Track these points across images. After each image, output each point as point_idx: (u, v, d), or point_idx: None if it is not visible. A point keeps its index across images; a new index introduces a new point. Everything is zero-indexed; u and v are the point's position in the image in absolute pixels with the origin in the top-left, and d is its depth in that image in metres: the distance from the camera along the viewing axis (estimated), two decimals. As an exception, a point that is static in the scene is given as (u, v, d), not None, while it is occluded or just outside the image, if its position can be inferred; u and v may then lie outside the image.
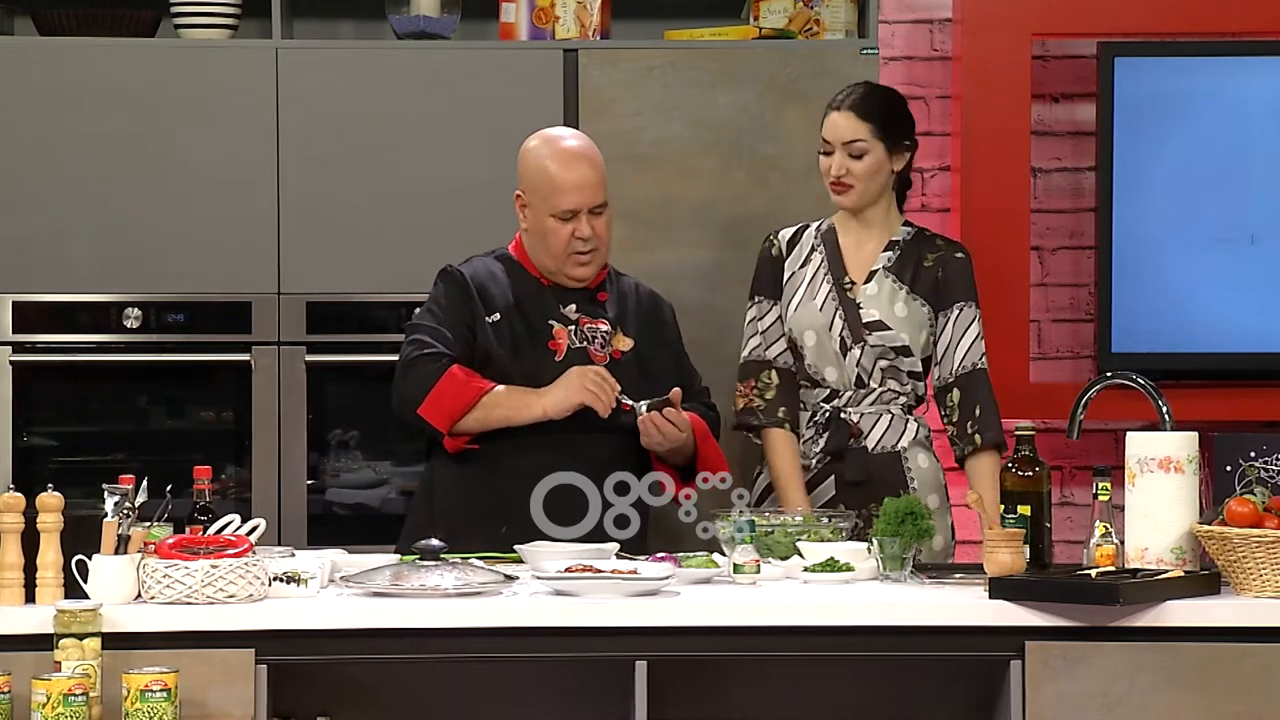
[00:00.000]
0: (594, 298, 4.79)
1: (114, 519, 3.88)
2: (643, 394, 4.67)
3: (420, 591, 3.90)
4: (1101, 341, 5.72)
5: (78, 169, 5.37)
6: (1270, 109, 5.70)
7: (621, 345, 4.76)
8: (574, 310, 4.75)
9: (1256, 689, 3.86)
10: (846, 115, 4.79)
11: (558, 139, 4.75)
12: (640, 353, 4.77)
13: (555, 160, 4.69)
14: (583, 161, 4.70)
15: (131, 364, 5.40)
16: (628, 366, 4.73)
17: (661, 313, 4.88)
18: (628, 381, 4.69)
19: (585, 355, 4.71)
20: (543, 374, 4.67)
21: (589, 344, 4.73)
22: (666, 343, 4.85)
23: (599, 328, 4.75)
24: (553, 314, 4.74)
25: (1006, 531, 4.06)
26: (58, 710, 3.59)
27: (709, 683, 4.10)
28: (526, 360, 4.69)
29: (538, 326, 4.72)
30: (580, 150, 4.72)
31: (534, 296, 4.75)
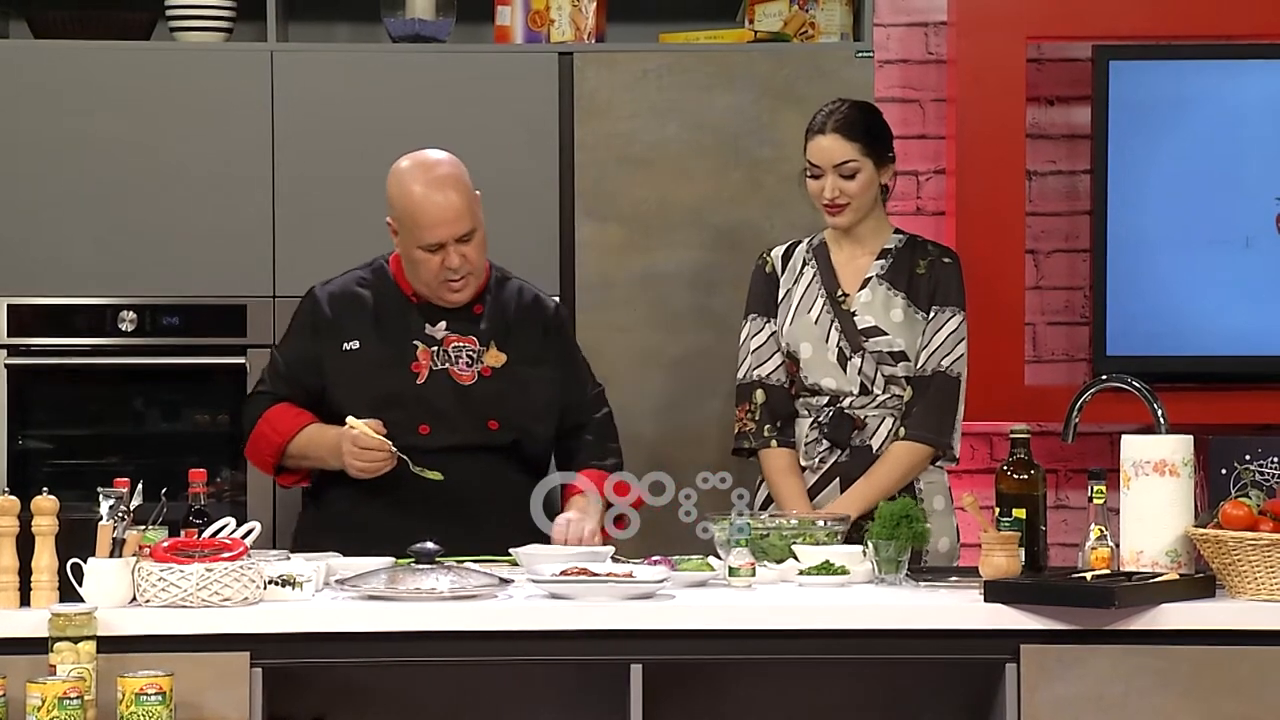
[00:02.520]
0: (468, 312, 4.69)
1: (109, 522, 3.88)
2: (512, 410, 4.63)
3: (415, 594, 3.90)
4: (1096, 344, 5.73)
5: (73, 172, 5.37)
6: (1265, 112, 5.71)
7: (493, 361, 4.67)
8: (443, 328, 4.67)
9: (1251, 691, 3.86)
10: (834, 138, 4.77)
11: (424, 168, 4.62)
12: (513, 368, 4.68)
13: (420, 193, 4.57)
14: (447, 191, 4.57)
15: (127, 367, 5.40)
16: (498, 383, 4.66)
17: (545, 320, 4.77)
18: (494, 400, 4.64)
19: (447, 375, 4.64)
20: (404, 397, 4.61)
21: (452, 364, 4.65)
22: (548, 353, 4.75)
23: (466, 345, 4.66)
24: (417, 334, 4.66)
25: (1002, 535, 4.06)
26: (53, 714, 3.59)
27: (704, 686, 4.10)
28: (386, 385, 4.62)
29: (400, 349, 4.65)
30: (443, 179, 4.59)
31: (399, 316, 4.68)
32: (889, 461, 4.75)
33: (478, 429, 4.63)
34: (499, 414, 4.65)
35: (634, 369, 5.37)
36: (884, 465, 4.75)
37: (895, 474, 4.74)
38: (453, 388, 4.65)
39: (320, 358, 4.67)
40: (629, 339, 5.40)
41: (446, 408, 4.63)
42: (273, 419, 4.66)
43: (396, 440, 4.52)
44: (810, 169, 4.80)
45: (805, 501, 4.75)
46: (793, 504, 4.72)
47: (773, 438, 4.82)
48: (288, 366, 4.70)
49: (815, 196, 4.81)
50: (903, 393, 4.82)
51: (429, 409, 4.62)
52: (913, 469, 4.76)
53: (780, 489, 4.78)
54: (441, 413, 4.62)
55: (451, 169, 4.64)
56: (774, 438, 4.82)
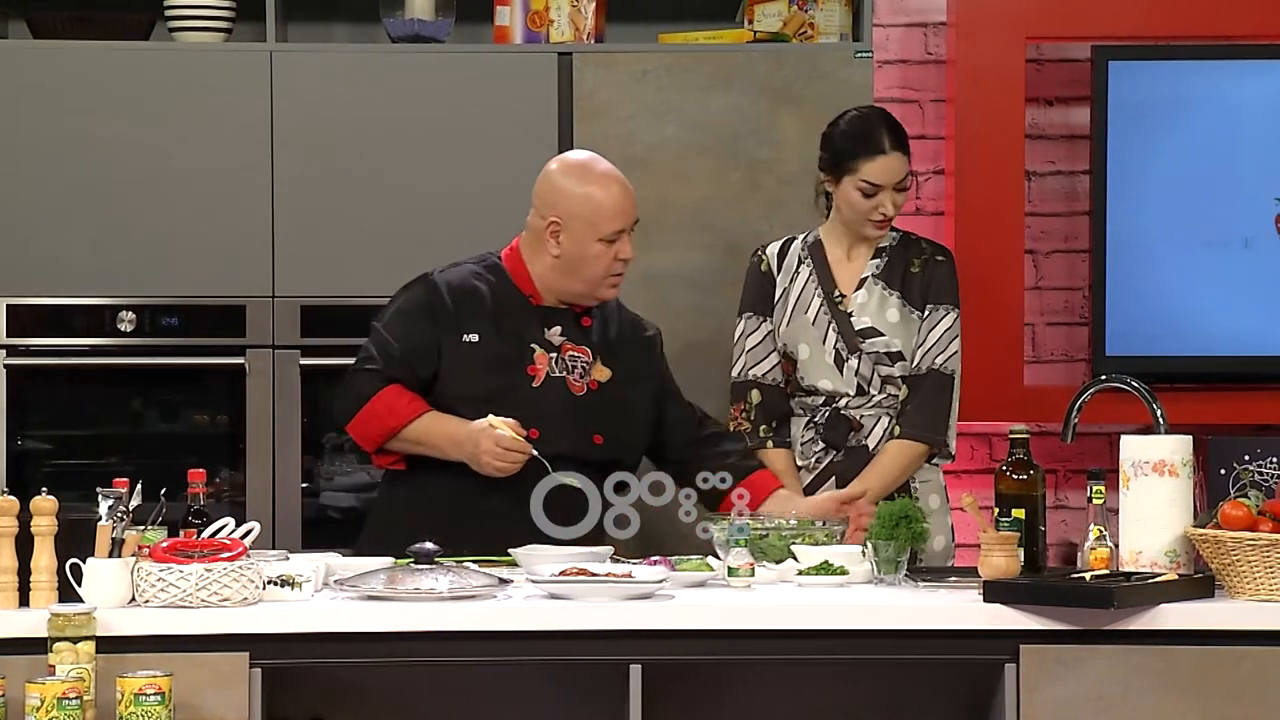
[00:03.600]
0: (579, 321, 4.70)
1: (108, 522, 3.88)
2: (616, 426, 4.63)
3: (414, 595, 3.90)
4: (1096, 345, 5.73)
5: (72, 172, 5.37)
6: (1264, 112, 5.70)
7: (600, 376, 4.67)
8: (559, 334, 4.67)
9: (1251, 692, 3.86)
10: (898, 157, 4.75)
11: (592, 162, 4.67)
12: (618, 385, 4.68)
13: (599, 185, 4.62)
14: (619, 183, 4.64)
15: (126, 367, 5.40)
16: (603, 398, 4.66)
17: (645, 342, 4.80)
18: (601, 414, 4.63)
19: (563, 384, 4.63)
20: (518, 398, 4.58)
21: (569, 373, 4.64)
22: (648, 376, 4.76)
23: (580, 356, 4.67)
24: (536, 337, 4.65)
25: (1001, 535, 4.06)
26: (52, 714, 3.59)
27: (703, 686, 4.10)
28: (502, 383, 4.60)
29: (519, 349, 4.63)
30: (610, 171, 4.66)
31: (518, 316, 4.66)
32: (884, 460, 4.75)
33: (583, 441, 4.59)
34: (604, 429, 4.63)
35: (633, 369, 5.37)
36: (879, 464, 4.75)
37: (891, 473, 4.74)
38: (565, 396, 4.63)
39: (439, 345, 4.62)
40: (628, 339, 5.39)
41: (557, 415, 4.60)
42: (388, 400, 4.58)
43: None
44: (866, 187, 4.76)
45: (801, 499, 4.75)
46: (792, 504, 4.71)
47: (769, 438, 4.82)
48: (403, 349, 4.62)
49: (865, 213, 4.77)
50: (899, 393, 4.82)
51: (541, 413, 4.58)
52: (908, 467, 4.76)
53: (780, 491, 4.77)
54: (552, 419, 4.58)
55: (607, 162, 4.69)
56: (770, 438, 4.82)
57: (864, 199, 4.77)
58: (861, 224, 4.80)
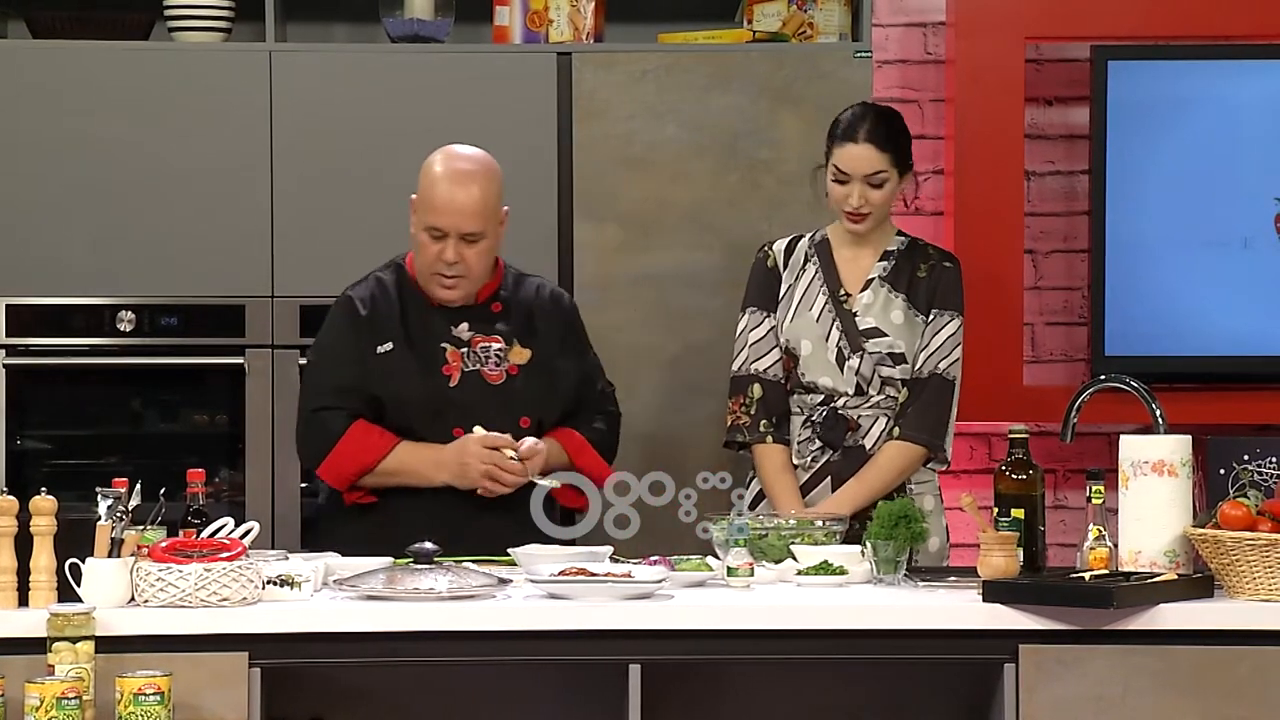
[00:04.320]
0: (487, 311, 4.70)
1: (107, 522, 3.88)
2: (542, 405, 4.64)
3: (414, 595, 3.90)
4: (1095, 345, 5.73)
5: (71, 172, 5.37)
6: (1263, 112, 5.70)
7: (518, 359, 4.68)
8: (466, 329, 4.67)
9: (1250, 692, 3.86)
10: (867, 148, 4.75)
11: (456, 157, 4.65)
12: (540, 363, 4.69)
13: (446, 177, 4.60)
14: (469, 186, 4.59)
15: (125, 367, 5.40)
16: (524, 382, 4.67)
17: (563, 315, 4.79)
18: (525, 397, 4.65)
19: (479, 377, 4.64)
20: (437, 401, 4.61)
21: (482, 365, 4.65)
22: (567, 347, 4.76)
23: (491, 345, 4.67)
24: (444, 336, 4.66)
25: (1000, 535, 4.06)
26: (51, 714, 3.59)
27: (703, 686, 4.10)
28: (421, 389, 4.61)
29: (430, 352, 4.64)
30: (471, 174, 4.61)
31: (424, 318, 4.67)
32: (881, 461, 4.75)
33: (510, 427, 4.61)
34: (530, 410, 4.65)
35: (632, 369, 5.37)
36: (876, 465, 4.75)
37: (888, 474, 4.74)
38: (484, 389, 4.64)
39: (364, 360, 4.64)
40: (627, 339, 5.40)
41: (479, 409, 4.62)
42: (357, 437, 4.59)
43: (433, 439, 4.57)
44: (836, 175, 4.78)
45: (798, 501, 4.75)
46: (786, 503, 4.72)
47: (768, 433, 4.81)
48: (351, 376, 4.63)
49: (838, 202, 4.79)
50: (898, 394, 4.82)
51: (463, 411, 4.61)
52: (905, 470, 4.77)
53: (774, 488, 4.78)
54: (475, 414, 4.60)
55: (483, 169, 4.65)
56: (769, 434, 4.81)
57: (838, 188, 4.78)
58: (839, 215, 4.81)
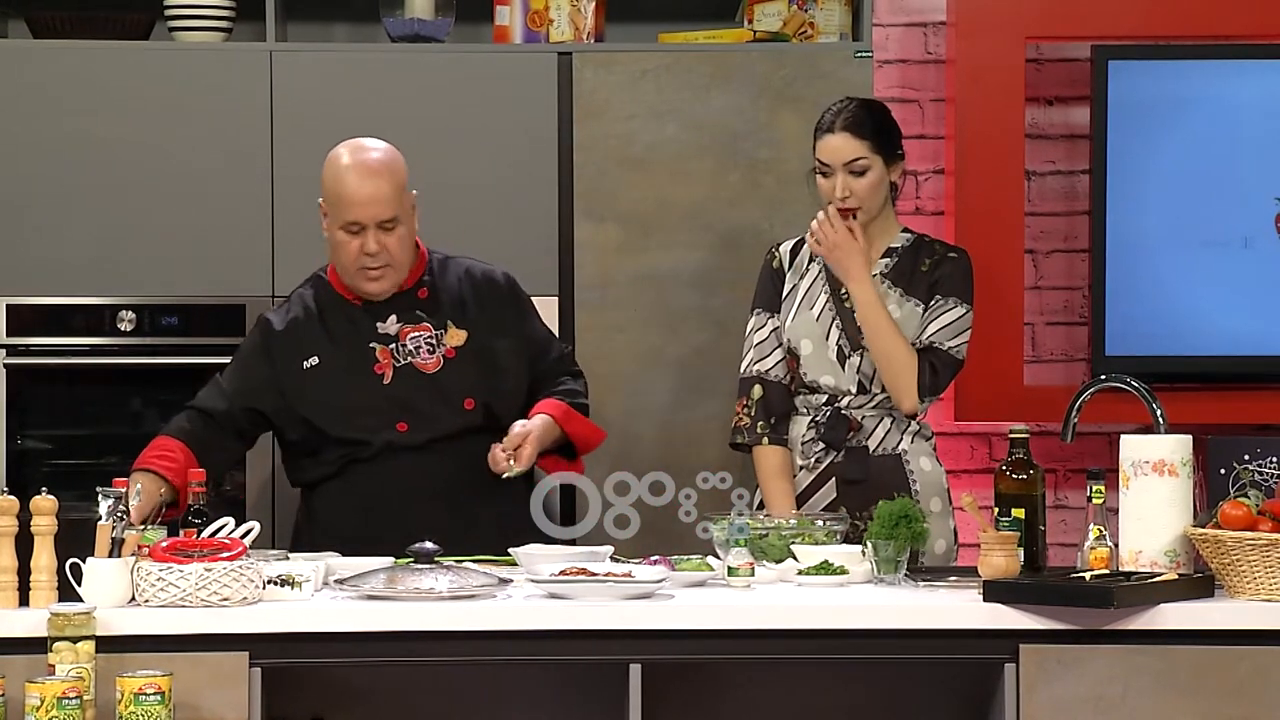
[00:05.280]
0: (414, 298, 4.71)
1: (108, 522, 3.88)
2: (485, 384, 4.65)
3: (414, 594, 3.90)
4: (1095, 344, 5.73)
5: (72, 172, 5.37)
6: (1263, 112, 5.70)
7: (455, 341, 4.68)
8: (394, 321, 4.68)
9: (1251, 692, 3.86)
10: (843, 136, 4.77)
11: (357, 150, 4.66)
12: (477, 343, 4.70)
13: (349, 172, 4.62)
14: (376, 175, 4.61)
15: (126, 367, 5.40)
16: (462, 365, 4.67)
17: (498, 291, 4.78)
18: (465, 379, 4.66)
19: (412, 369, 4.65)
20: (373, 401, 4.62)
21: (414, 356, 4.66)
22: (508, 323, 4.76)
23: (422, 334, 4.68)
24: (371, 336, 4.67)
25: (1001, 534, 4.06)
26: (52, 714, 3.59)
27: (703, 686, 4.10)
28: (353, 393, 4.63)
29: (359, 355, 4.66)
30: (375, 163, 4.63)
31: (349, 323, 4.69)
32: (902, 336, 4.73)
33: (454, 413, 4.63)
34: (473, 392, 4.66)
35: (633, 369, 5.37)
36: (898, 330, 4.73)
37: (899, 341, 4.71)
38: (419, 379, 4.65)
39: (277, 381, 4.66)
40: (627, 339, 5.40)
41: (419, 400, 4.64)
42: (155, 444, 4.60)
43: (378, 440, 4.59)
44: (820, 168, 4.79)
45: (790, 505, 4.74)
46: (778, 506, 4.71)
47: (765, 434, 4.82)
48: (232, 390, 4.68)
49: (826, 195, 4.80)
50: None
51: (402, 406, 4.63)
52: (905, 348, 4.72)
53: (768, 490, 4.78)
54: (415, 406, 4.63)
55: (385, 157, 4.66)
56: (766, 434, 4.82)
57: (823, 181, 4.79)
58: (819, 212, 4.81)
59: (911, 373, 4.73)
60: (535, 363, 4.78)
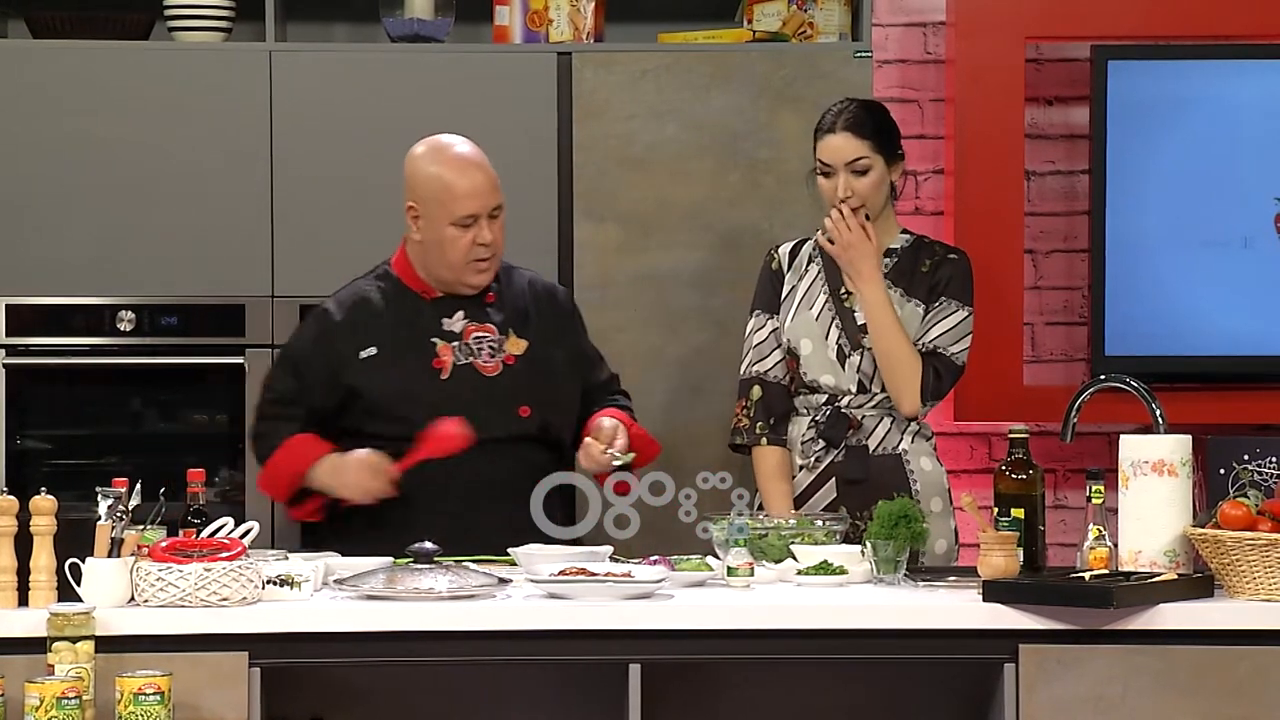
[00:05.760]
0: (481, 302, 4.71)
1: (107, 522, 3.88)
2: (542, 394, 4.65)
3: (414, 594, 3.90)
4: (1095, 344, 5.73)
5: (71, 172, 5.37)
6: (1263, 112, 5.70)
7: (514, 349, 4.68)
8: (460, 318, 4.68)
9: (1250, 692, 3.86)
10: (845, 136, 4.77)
11: (448, 146, 4.67)
12: (536, 353, 4.70)
13: (454, 167, 4.62)
14: (480, 166, 4.63)
15: (125, 367, 5.40)
16: (521, 372, 4.67)
17: (558, 306, 4.81)
18: (523, 386, 4.65)
19: (473, 369, 4.65)
20: (427, 396, 4.60)
21: (475, 357, 4.65)
22: (565, 337, 4.78)
23: (486, 335, 4.67)
24: (434, 331, 4.66)
25: (1000, 534, 4.06)
26: (51, 714, 3.59)
27: (703, 686, 4.10)
28: (410, 386, 4.62)
29: (420, 349, 4.65)
30: (475, 155, 4.65)
31: (413, 316, 4.68)
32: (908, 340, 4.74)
33: (508, 419, 4.62)
34: (528, 400, 4.65)
35: (633, 369, 5.37)
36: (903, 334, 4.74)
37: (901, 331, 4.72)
38: (479, 380, 4.65)
39: (338, 369, 4.64)
40: (627, 339, 5.40)
41: (474, 401, 4.62)
42: (293, 448, 4.60)
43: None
44: (821, 168, 4.79)
45: (788, 505, 4.74)
46: (776, 507, 4.71)
47: (764, 435, 4.82)
48: (300, 387, 4.66)
49: (828, 196, 4.80)
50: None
51: (456, 404, 4.60)
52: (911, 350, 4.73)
53: (766, 491, 4.78)
54: (469, 406, 4.60)
55: (476, 148, 4.69)
56: (765, 435, 4.82)
57: (825, 182, 4.79)
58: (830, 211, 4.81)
59: (916, 375, 4.73)
60: (587, 379, 4.80)
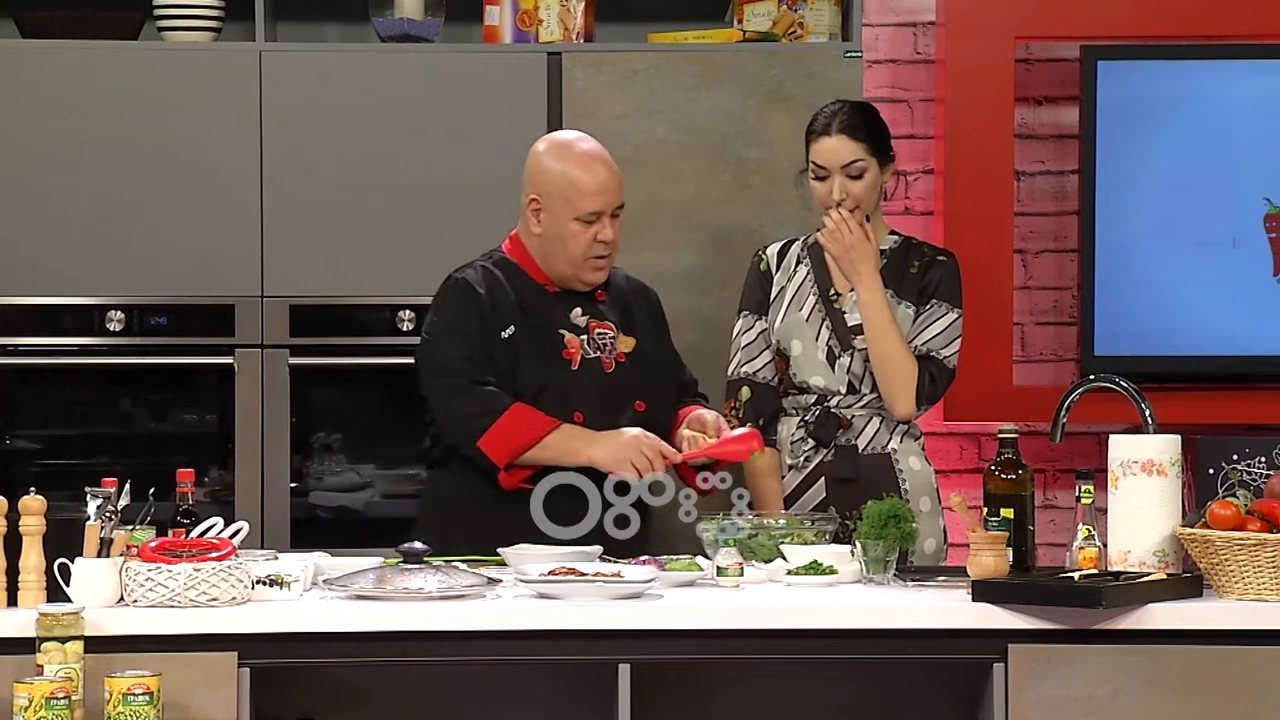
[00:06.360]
0: (594, 299, 4.73)
1: (96, 522, 3.87)
2: (653, 390, 4.67)
3: (403, 594, 3.90)
4: (1084, 344, 5.73)
5: (61, 172, 5.36)
6: (1252, 112, 5.71)
7: (624, 347, 4.70)
8: (580, 314, 4.69)
9: (1239, 691, 3.86)
10: (841, 139, 4.77)
11: (575, 142, 4.69)
12: (642, 351, 4.72)
13: (583, 163, 4.63)
14: (606, 163, 4.65)
15: (114, 367, 5.40)
16: (633, 368, 4.68)
17: (653, 304, 4.84)
18: (636, 382, 4.67)
19: (598, 364, 4.65)
20: (561, 385, 4.60)
21: (601, 352, 4.66)
22: (663, 335, 4.82)
23: (606, 332, 4.69)
24: (562, 322, 4.66)
25: (990, 534, 4.06)
26: (40, 714, 3.59)
27: (692, 686, 4.10)
28: (543, 373, 4.61)
29: (550, 337, 4.64)
30: (601, 152, 4.67)
31: (540, 305, 4.67)
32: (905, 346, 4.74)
33: (625, 413, 4.62)
34: (643, 395, 4.66)
35: (622, 369, 5.37)
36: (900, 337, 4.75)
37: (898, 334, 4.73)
38: (600, 375, 4.65)
39: (488, 341, 4.61)
40: (617, 339, 5.39)
41: (597, 395, 4.62)
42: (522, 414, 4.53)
43: None
44: (816, 171, 4.79)
45: (778, 506, 4.75)
46: (766, 507, 4.71)
47: (756, 434, 4.82)
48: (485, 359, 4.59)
49: (821, 199, 4.80)
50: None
51: (582, 396, 4.61)
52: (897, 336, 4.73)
53: (757, 490, 4.77)
54: (593, 399, 4.61)
55: (600, 145, 4.70)
56: (757, 435, 4.82)
57: (819, 185, 4.79)
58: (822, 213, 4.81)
59: (912, 379, 4.74)
60: (677, 377, 4.82)
